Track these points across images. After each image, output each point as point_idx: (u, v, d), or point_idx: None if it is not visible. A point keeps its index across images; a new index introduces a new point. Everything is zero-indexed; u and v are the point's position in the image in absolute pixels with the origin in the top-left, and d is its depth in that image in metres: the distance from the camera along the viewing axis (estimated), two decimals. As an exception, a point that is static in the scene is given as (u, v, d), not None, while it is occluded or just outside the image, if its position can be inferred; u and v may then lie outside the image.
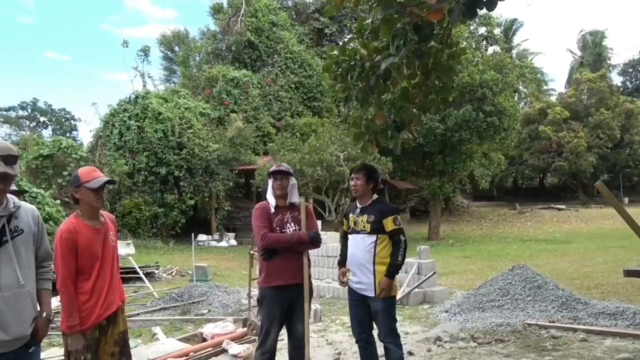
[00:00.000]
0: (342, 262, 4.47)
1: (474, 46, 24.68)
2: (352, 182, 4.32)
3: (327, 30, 31.02)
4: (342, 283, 4.44)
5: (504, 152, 28.57)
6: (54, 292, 2.94)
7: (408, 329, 6.68)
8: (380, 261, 4.13)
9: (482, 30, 27.97)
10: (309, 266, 4.18)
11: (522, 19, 65.71)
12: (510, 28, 42.72)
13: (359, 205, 4.30)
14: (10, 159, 2.55)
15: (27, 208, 2.72)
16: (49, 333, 2.84)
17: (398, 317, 7.29)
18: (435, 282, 8.96)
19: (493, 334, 6.21)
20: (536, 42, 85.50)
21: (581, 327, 6.21)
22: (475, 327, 6.53)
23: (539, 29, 79.96)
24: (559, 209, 30.88)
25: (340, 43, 23.92)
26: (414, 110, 4.46)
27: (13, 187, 4.24)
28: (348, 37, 27.89)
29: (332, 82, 4.52)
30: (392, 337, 4.18)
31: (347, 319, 7.31)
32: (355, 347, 5.59)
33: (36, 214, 2.76)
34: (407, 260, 8.91)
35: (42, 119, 47.72)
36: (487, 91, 19.98)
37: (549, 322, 6.49)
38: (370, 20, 3.95)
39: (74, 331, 3.10)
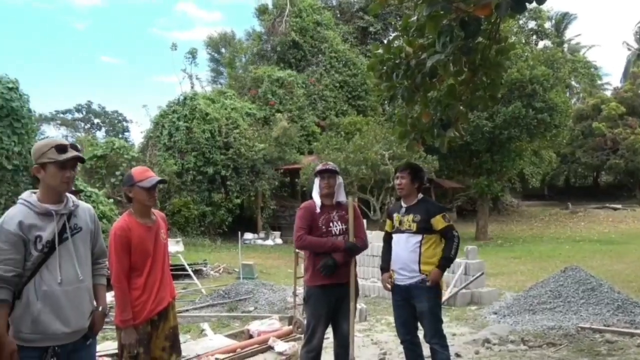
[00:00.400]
0: (385, 267, 4.39)
1: (524, 41, 24.00)
2: (396, 181, 4.26)
3: (371, 29, 30.84)
4: (387, 288, 4.39)
5: (555, 149, 27.65)
6: (109, 287, 3.06)
7: (455, 330, 6.57)
8: (426, 261, 4.08)
9: (532, 24, 27.16)
10: (355, 265, 4.17)
11: (575, 11, 63.34)
12: (561, 21, 41.27)
13: (404, 205, 4.25)
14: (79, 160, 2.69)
15: (85, 207, 2.84)
16: (103, 327, 2.96)
17: (444, 318, 7.19)
18: (483, 283, 8.78)
19: (544, 337, 6.03)
20: (590, 35, 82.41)
21: (639, 332, 5.95)
22: (525, 329, 6.36)
23: (593, 22, 77.02)
24: (615, 209, 29.61)
25: (385, 41, 23.73)
26: (461, 107, 4.38)
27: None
28: (393, 35, 27.60)
29: (377, 80, 4.49)
30: (438, 338, 4.12)
31: (392, 319, 7.26)
32: (401, 348, 5.54)
33: (93, 212, 2.87)
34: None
35: (96, 120, 49.64)
36: (538, 87, 19.39)
37: (604, 326, 6.25)
38: (415, 18, 3.91)
39: (127, 325, 3.21)
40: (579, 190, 40.82)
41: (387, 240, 4.44)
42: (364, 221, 4.39)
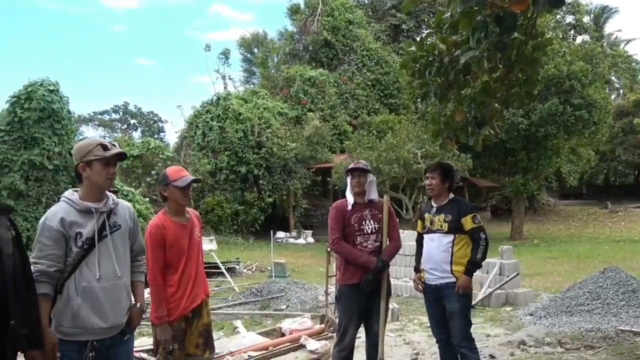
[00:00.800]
0: (418, 268, 4.35)
1: (561, 36, 23.44)
2: (427, 182, 4.22)
3: (404, 26, 30.61)
4: (418, 289, 4.36)
5: (594, 147, 26.83)
6: (146, 284, 3.11)
7: (489, 332, 6.47)
8: (458, 261, 4.02)
9: (570, 18, 26.49)
10: (388, 265, 4.15)
11: (616, 5, 61.41)
12: (601, 15, 40.05)
13: (434, 205, 4.19)
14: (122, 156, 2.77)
15: (125, 205, 2.91)
16: (140, 323, 3.02)
17: (478, 319, 7.11)
18: (519, 284, 8.61)
19: (582, 339, 5.87)
20: (632, 28, 79.72)
21: (683, 336, 5.74)
22: (562, 332, 6.21)
23: (635, 15, 74.52)
24: (657, 208, 28.61)
25: (418, 39, 23.51)
26: (496, 105, 4.30)
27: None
28: (426, 32, 27.35)
29: (409, 78, 4.45)
30: (467, 342, 4.06)
31: (425, 319, 7.19)
32: (434, 348, 5.48)
33: (132, 210, 2.93)
34: (488, 260, 8.67)
35: (132, 121, 50.75)
36: (576, 83, 18.88)
37: (646, 329, 6.04)
38: (449, 14, 3.86)
39: (163, 322, 3.27)
40: (619, 189, 39.58)
41: (419, 241, 4.40)
42: (397, 220, 4.33)
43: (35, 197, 14.94)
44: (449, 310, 4.07)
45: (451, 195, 4.19)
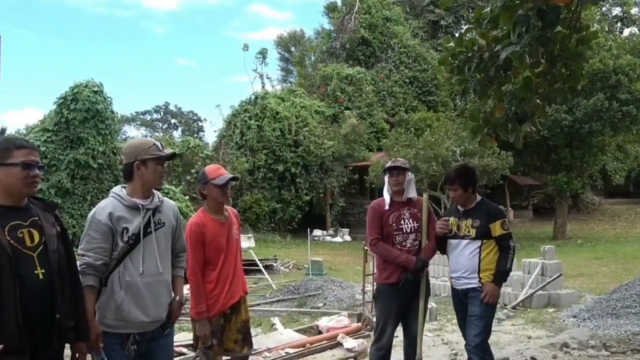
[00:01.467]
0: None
1: (607, 29, 22.65)
2: (450, 194, 4.13)
3: (442, 22, 30.20)
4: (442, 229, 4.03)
5: (642, 144, 25.86)
6: (185, 281, 3.18)
7: (531, 333, 6.33)
8: (486, 267, 3.85)
9: (617, 10, 25.61)
10: (428, 265, 4.10)
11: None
12: (650, 7, 38.51)
13: (461, 209, 4.01)
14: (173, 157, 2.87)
15: (170, 204, 2.99)
16: (179, 318, 3.08)
17: (520, 320, 6.96)
18: (562, 285, 8.38)
19: (628, 343, 5.67)
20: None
21: None
22: (607, 334, 6.01)
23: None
24: None
25: (457, 34, 23.16)
26: (538, 100, 4.19)
27: None
28: (465, 27, 26.92)
29: (448, 75, 4.38)
30: (480, 351, 3.81)
31: (464, 319, 7.10)
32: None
33: (177, 209, 3.01)
34: (530, 260, 8.49)
35: (172, 121, 51.82)
36: (623, 77, 18.22)
37: (698, 333, 5.79)
38: (489, 9, 3.78)
39: (202, 317, 3.33)
40: (669, 187, 37.96)
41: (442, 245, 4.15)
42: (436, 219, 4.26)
43: (80, 195, 15.47)
44: (469, 313, 3.90)
45: (478, 198, 4.04)
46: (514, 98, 4.20)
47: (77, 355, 2.46)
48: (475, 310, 3.84)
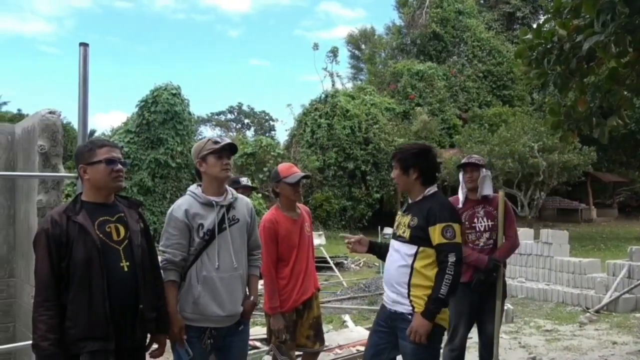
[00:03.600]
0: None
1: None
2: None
3: (518, 14, 29.08)
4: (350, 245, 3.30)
5: None
6: (259, 276, 3.25)
7: (616, 339, 5.97)
8: (419, 285, 2.85)
9: None
10: (504, 265, 3.96)
11: None
12: None
13: (410, 200, 3.11)
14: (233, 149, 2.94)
15: (244, 201, 3.07)
16: (253, 313, 3.15)
17: (604, 325, 6.57)
18: (652, 289, 7.83)
19: None
20: None
21: None
22: None
23: None
24: None
25: (534, 25, 22.23)
26: (625, 92, 3.94)
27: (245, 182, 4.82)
28: (543, 18, 25.81)
29: (525, 68, 4.21)
30: None
31: (542, 322, 6.81)
32: (553, 353, 5.19)
33: (250, 206, 3.09)
34: (615, 262, 7.99)
35: (246, 121, 53.20)
36: None
37: None
38: (570, -3, 3.60)
39: (275, 312, 3.41)
40: None
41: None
42: (514, 217, 4.09)
43: (160, 193, 16.25)
44: (400, 349, 2.93)
45: (429, 190, 2.99)
46: (598, 90, 3.97)
47: (157, 346, 2.59)
48: (406, 349, 2.87)
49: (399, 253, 2.95)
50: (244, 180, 4.90)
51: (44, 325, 2.17)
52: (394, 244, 3.04)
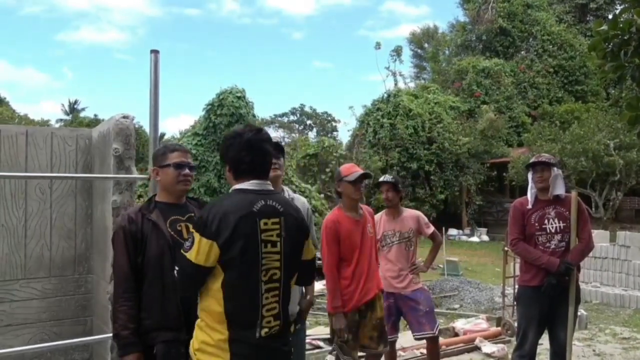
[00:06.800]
0: None
1: None
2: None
3: (592, 5, 27.68)
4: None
5: None
6: (320, 276, 3.27)
7: None
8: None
9: None
10: (578, 269, 3.77)
11: None
12: None
13: None
14: (277, 148, 2.95)
15: (300, 200, 3.10)
16: (315, 313, 3.17)
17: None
18: None
19: None
20: None
21: None
22: None
23: None
24: None
25: (610, 16, 21.09)
26: None
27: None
28: (620, 7, 24.40)
29: (600, 61, 3.99)
30: None
31: (619, 329, 6.44)
32: (632, 363, 4.89)
33: (307, 206, 3.11)
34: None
35: (308, 122, 53.73)
36: None
37: None
38: (649, -15, 3.38)
39: (338, 312, 3.42)
40: None
41: None
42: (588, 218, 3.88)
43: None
44: None
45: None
46: (681, 83, 3.71)
47: None
48: None
49: None
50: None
51: (124, 315, 2.32)
52: None
